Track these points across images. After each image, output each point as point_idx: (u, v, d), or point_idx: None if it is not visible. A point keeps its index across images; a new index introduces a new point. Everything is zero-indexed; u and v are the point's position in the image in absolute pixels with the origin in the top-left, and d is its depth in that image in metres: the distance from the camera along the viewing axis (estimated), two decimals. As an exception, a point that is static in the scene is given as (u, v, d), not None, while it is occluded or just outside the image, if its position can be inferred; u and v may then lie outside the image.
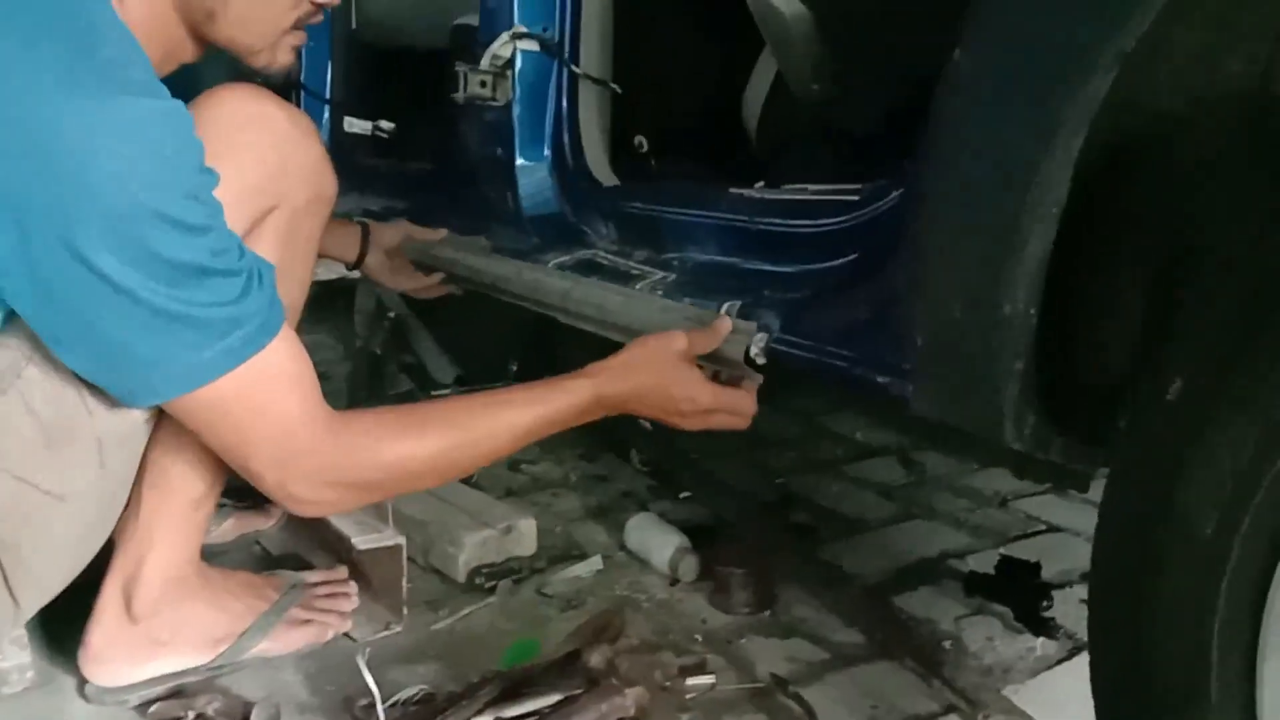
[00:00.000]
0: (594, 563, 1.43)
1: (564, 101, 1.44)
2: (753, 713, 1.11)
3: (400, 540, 1.27)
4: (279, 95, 1.03)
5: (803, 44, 1.32)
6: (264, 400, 0.89)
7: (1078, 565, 1.43)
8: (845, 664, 1.21)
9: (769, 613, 1.32)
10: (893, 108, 1.26)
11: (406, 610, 1.26)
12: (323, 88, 2.03)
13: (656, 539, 1.44)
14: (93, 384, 0.89)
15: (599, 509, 1.64)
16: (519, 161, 1.47)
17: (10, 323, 0.88)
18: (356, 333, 2.22)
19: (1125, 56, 0.67)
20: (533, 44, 1.43)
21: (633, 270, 1.26)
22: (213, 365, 0.86)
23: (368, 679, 1.05)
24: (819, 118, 1.43)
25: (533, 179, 1.48)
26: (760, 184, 1.25)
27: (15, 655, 1.08)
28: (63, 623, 1.10)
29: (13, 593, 0.96)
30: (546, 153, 1.47)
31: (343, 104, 1.99)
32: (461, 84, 1.46)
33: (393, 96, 1.95)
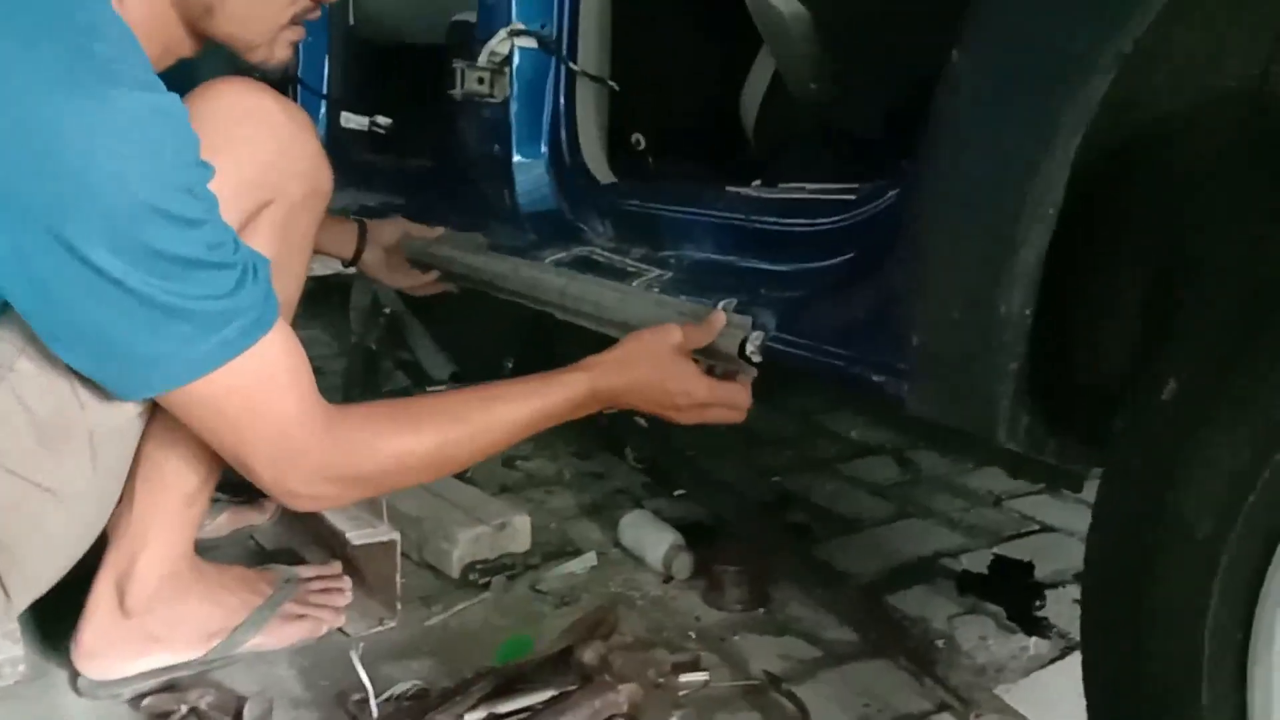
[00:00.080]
0: (588, 559, 1.43)
1: (561, 99, 1.44)
2: (746, 710, 1.11)
3: (395, 536, 1.27)
4: (276, 90, 1.03)
5: (801, 43, 1.32)
6: (259, 394, 0.89)
7: (1071, 565, 1.43)
8: (838, 662, 1.21)
9: (763, 610, 1.32)
10: (890, 108, 1.26)
11: (400, 606, 1.26)
12: (320, 83, 2.02)
13: (651, 536, 1.44)
14: (86, 378, 0.89)
15: (593, 506, 1.64)
16: (516, 158, 1.47)
17: (2, 315, 0.88)
18: (352, 329, 2.22)
19: (1124, 58, 0.68)
20: (530, 41, 1.43)
21: (629, 267, 1.26)
22: (207, 358, 0.86)
23: (361, 674, 1.05)
24: (817, 117, 1.43)
25: (530, 176, 1.48)
26: (757, 183, 1.25)
27: (7, 649, 1.08)
28: (55, 617, 1.10)
29: (4, 586, 0.96)
30: (544, 150, 1.47)
31: (340, 99, 1.99)
32: (459, 80, 1.46)
33: (390, 92, 1.95)
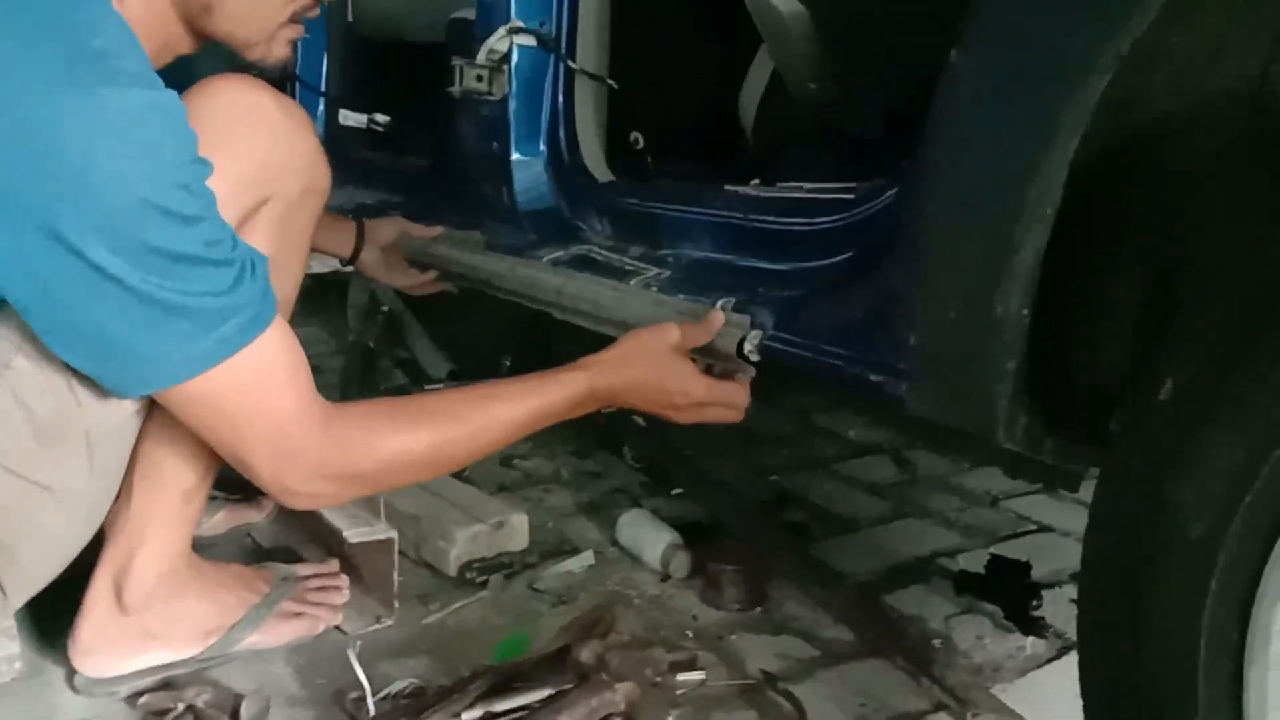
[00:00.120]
0: (585, 558, 1.43)
1: (560, 97, 1.44)
2: (743, 709, 1.11)
3: (392, 534, 1.27)
4: (274, 87, 1.03)
5: (800, 43, 1.32)
6: (258, 392, 0.89)
7: (1067, 565, 1.43)
8: (835, 661, 1.21)
9: (760, 610, 1.32)
10: (889, 107, 1.26)
11: (397, 604, 1.25)
12: (318, 80, 2.02)
13: (648, 535, 1.44)
14: (83, 375, 0.89)
15: (591, 505, 1.64)
16: (514, 156, 1.46)
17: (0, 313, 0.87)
18: (349, 326, 2.22)
19: (1122, 58, 0.68)
20: (529, 39, 1.43)
21: (627, 266, 1.26)
22: (205, 356, 0.86)
23: (358, 672, 1.05)
24: (815, 117, 1.43)
25: (528, 174, 1.47)
26: (755, 182, 1.25)
27: (4, 646, 1.07)
28: (52, 614, 1.10)
29: (1, 584, 0.96)
30: (542, 148, 1.47)
31: (338, 97, 1.99)
32: (457, 78, 1.46)
33: (388, 90, 1.95)
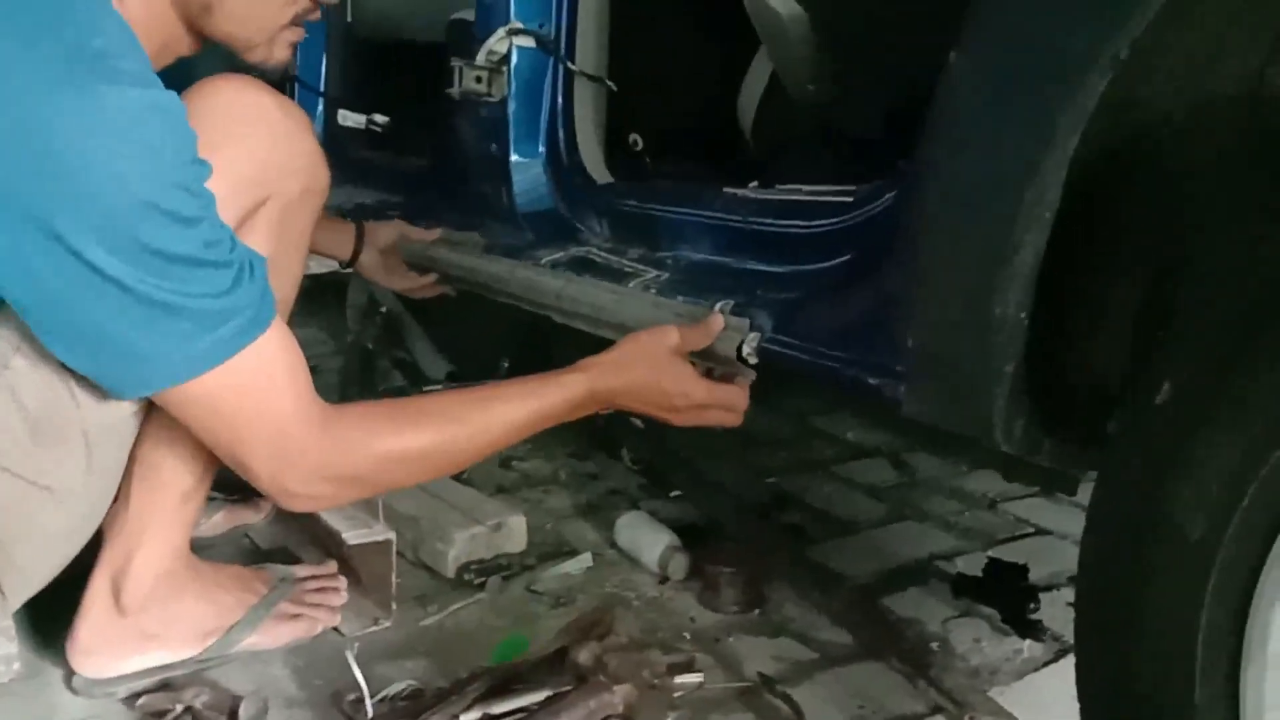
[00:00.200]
0: (584, 560, 1.43)
1: (559, 98, 1.44)
2: (740, 711, 1.11)
3: (390, 535, 1.27)
4: (273, 88, 1.03)
5: (798, 44, 1.32)
6: (257, 393, 0.89)
7: (1065, 568, 1.43)
8: (833, 664, 1.21)
9: (758, 612, 1.32)
10: (888, 109, 1.26)
11: (395, 606, 1.25)
12: (317, 81, 2.02)
13: (646, 537, 1.44)
14: (81, 376, 0.89)
15: (589, 506, 1.64)
16: (514, 158, 1.47)
17: (-2, 313, 0.88)
18: (348, 327, 2.22)
19: (1121, 61, 0.68)
20: (529, 40, 1.43)
21: (626, 268, 1.26)
22: (204, 357, 0.86)
23: (356, 674, 1.05)
24: (814, 118, 1.43)
25: (527, 175, 1.48)
26: (754, 184, 1.25)
27: (2, 646, 1.07)
28: (50, 614, 1.10)
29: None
30: (541, 149, 1.47)
31: (337, 97, 1.99)
32: (457, 79, 1.46)
33: (387, 90, 1.95)
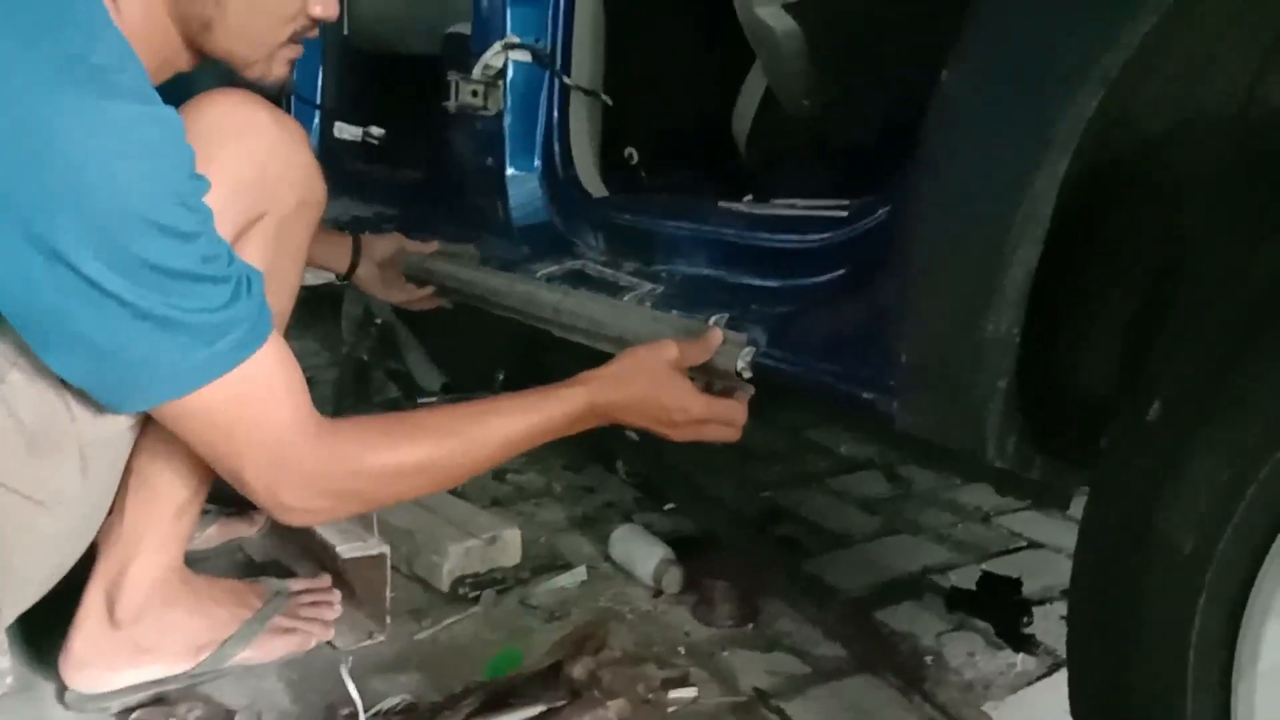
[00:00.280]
0: (578, 574, 1.43)
1: (555, 112, 1.45)
2: (734, 726, 1.11)
3: (384, 549, 1.27)
4: (269, 101, 1.03)
5: (793, 60, 1.33)
6: (254, 407, 0.89)
7: (1059, 582, 1.43)
8: (827, 678, 1.21)
9: (752, 626, 1.32)
10: (881, 124, 1.27)
11: (390, 619, 1.25)
12: (314, 93, 2.03)
13: (641, 550, 1.44)
14: (77, 390, 0.89)
15: (584, 520, 1.64)
16: (509, 171, 1.47)
17: (-4, 327, 0.87)
18: (343, 339, 2.22)
19: (1112, 80, 0.68)
20: (525, 54, 1.44)
21: (621, 281, 1.27)
22: (201, 371, 0.86)
23: (350, 688, 1.05)
24: (809, 132, 1.44)
25: (523, 189, 1.48)
26: (749, 198, 1.26)
27: (-5, 660, 1.07)
28: (44, 628, 1.10)
29: (-7, 597, 0.96)
30: (537, 163, 1.47)
31: (334, 110, 1.99)
32: (453, 93, 1.47)
33: (384, 103, 1.95)
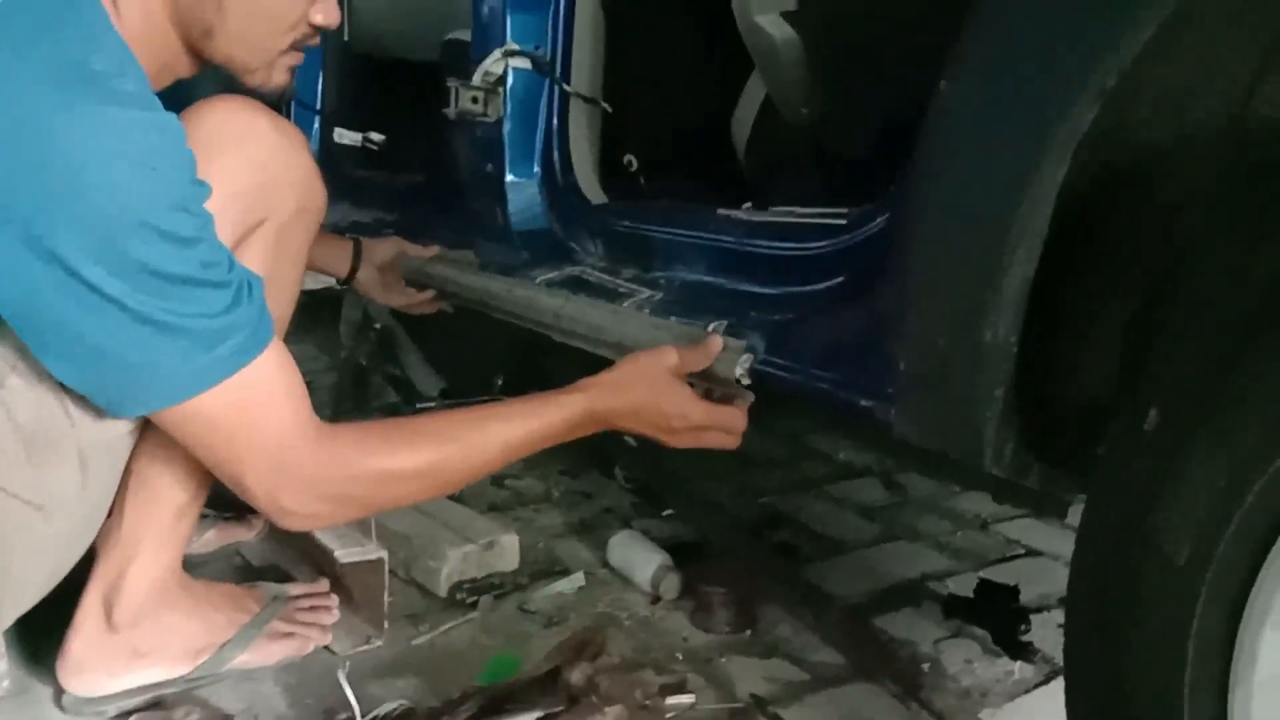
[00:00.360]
0: (576, 579, 1.43)
1: (554, 119, 1.45)
2: (732, 732, 1.11)
3: (382, 554, 1.27)
4: (269, 106, 1.03)
5: (792, 68, 1.33)
6: (254, 412, 0.89)
7: (1056, 589, 1.43)
8: (825, 685, 1.21)
9: (750, 632, 1.32)
10: (880, 132, 1.28)
11: (387, 624, 1.25)
12: (314, 99, 2.03)
13: (639, 556, 1.44)
14: (76, 394, 0.89)
15: (582, 525, 1.64)
16: (509, 177, 1.47)
17: (-4, 331, 0.88)
18: (342, 343, 2.22)
19: (1108, 91, 0.69)
20: (525, 62, 1.44)
21: (620, 288, 1.27)
22: (202, 376, 0.86)
23: (348, 692, 1.05)
24: (807, 140, 1.45)
25: (522, 195, 1.48)
26: (748, 205, 1.26)
27: (-8, 664, 1.07)
28: (41, 631, 1.10)
29: (-9, 601, 0.96)
30: (536, 169, 1.48)
31: (334, 115, 1.99)
32: (453, 99, 1.47)
33: (384, 109, 1.96)
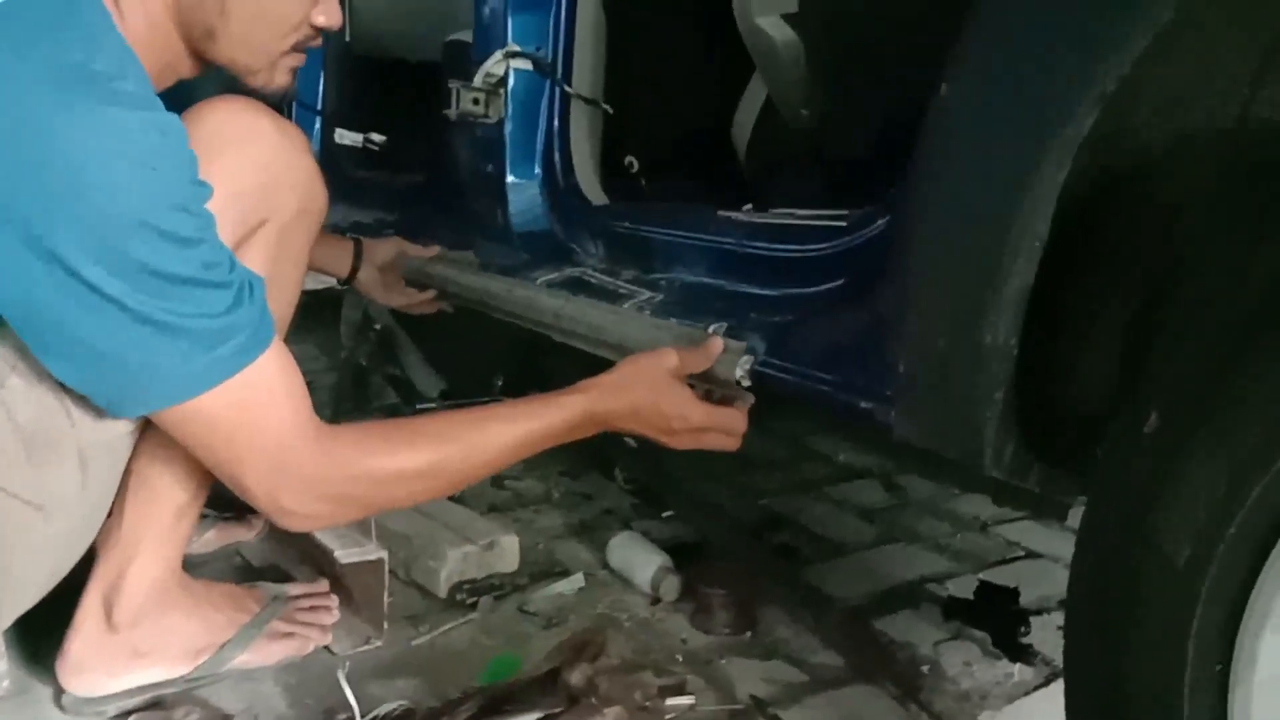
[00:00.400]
0: (576, 580, 1.43)
1: (555, 121, 1.46)
2: (731, 734, 1.11)
3: (382, 554, 1.27)
4: (270, 107, 1.04)
5: (792, 70, 1.34)
6: (255, 413, 0.89)
7: (1056, 592, 1.43)
8: (824, 686, 1.21)
9: (750, 634, 1.32)
10: (880, 134, 1.28)
11: (387, 625, 1.25)
12: (315, 99, 2.03)
13: (639, 558, 1.44)
14: (77, 394, 0.89)
15: (582, 526, 1.64)
16: (510, 179, 1.48)
17: (-4, 331, 0.88)
18: (342, 343, 2.22)
19: (1108, 95, 0.69)
20: (526, 63, 1.44)
21: (620, 289, 1.27)
22: (202, 376, 0.86)
23: (347, 693, 1.05)
24: (808, 142, 1.45)
25: (523, 196, 1.49)
26: (748, 207, 1.27)
27: (-8, 664, 1.07)
28: (41, 631, 1.10)
29: (-9, 600, 0.96)
30: (537, 170, 1.48)
31: (335, 116, 2.00)
32: (454, 100, 1.48)
33: (385, 109, 1.96)
